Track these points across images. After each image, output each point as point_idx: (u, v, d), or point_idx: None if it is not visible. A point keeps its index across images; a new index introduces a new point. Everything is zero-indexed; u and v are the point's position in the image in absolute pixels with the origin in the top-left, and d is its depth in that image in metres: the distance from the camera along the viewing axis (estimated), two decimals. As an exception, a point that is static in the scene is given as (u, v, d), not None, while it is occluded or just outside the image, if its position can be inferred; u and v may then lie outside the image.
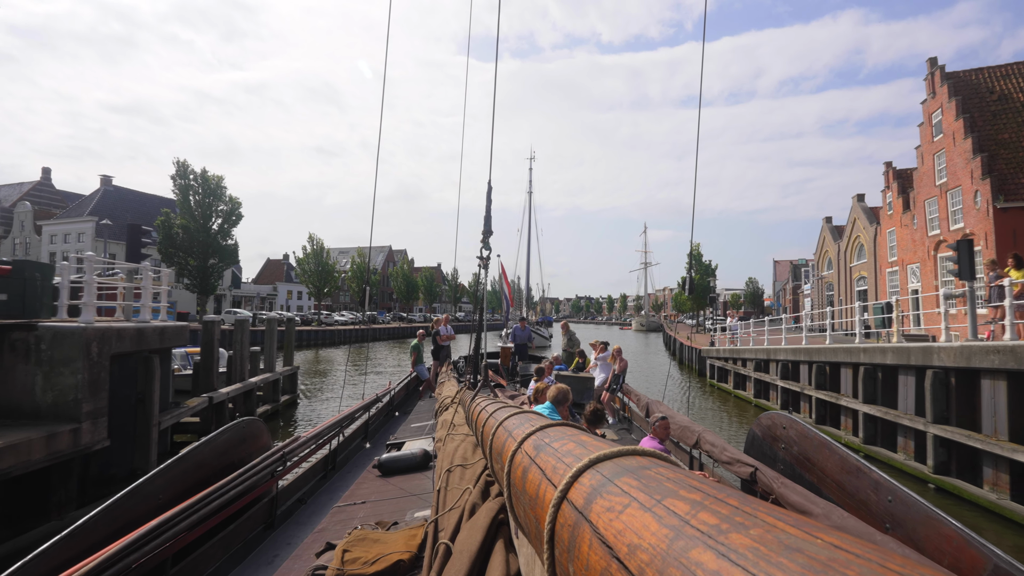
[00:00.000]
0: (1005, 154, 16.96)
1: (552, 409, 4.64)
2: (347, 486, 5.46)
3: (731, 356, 19.05)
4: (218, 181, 39.47)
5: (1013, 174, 16.54)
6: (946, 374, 8.67)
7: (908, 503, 2.83)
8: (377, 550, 3.11)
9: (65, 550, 2.50)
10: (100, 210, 42.22)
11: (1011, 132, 17.31)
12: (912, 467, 9.15)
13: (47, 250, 43.19)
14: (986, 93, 18.45)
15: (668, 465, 0.87)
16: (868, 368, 10.70)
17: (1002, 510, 7.25)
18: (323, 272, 50.73)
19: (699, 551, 0.55)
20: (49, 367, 6.38)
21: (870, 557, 0.44)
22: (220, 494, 3.29)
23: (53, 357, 6.39)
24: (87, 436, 6.43)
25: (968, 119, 17.78)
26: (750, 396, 16.87)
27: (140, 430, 7.47)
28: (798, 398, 13.94)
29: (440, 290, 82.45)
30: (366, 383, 19.63)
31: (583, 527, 0.79)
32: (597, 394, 9.07)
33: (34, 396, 6.34)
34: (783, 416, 4.39)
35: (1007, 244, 16.12)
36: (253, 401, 12.45)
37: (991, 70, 19.06)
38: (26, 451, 5.58)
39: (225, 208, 39.15)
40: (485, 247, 6.01)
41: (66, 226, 42.98)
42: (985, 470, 7.79)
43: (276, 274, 67.87)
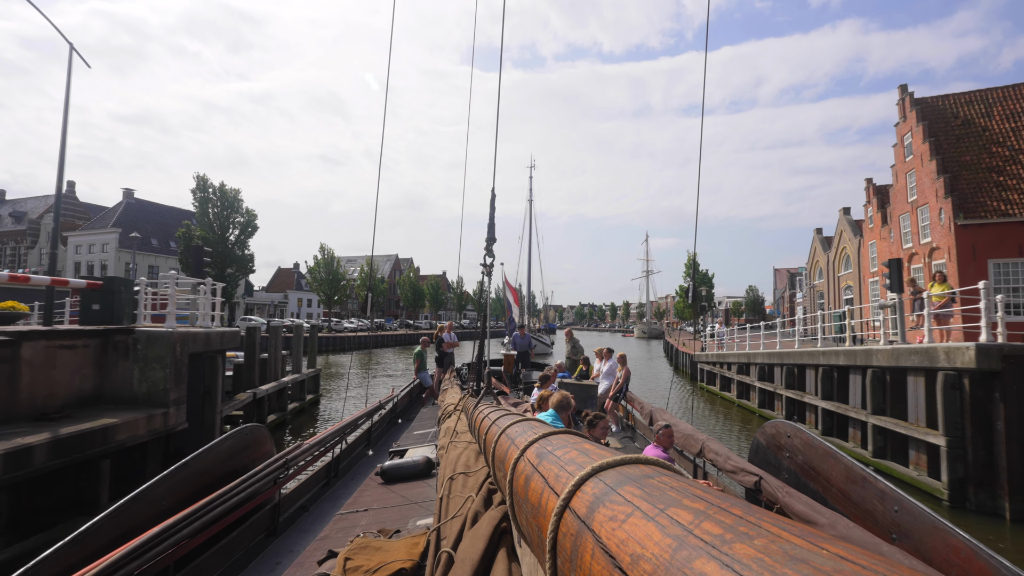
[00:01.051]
0: (966, 175, 18.46)
1: (555, 416, 4.66)
2: (349, 493, 5.47)
3: (717, 360, 20.55)
4: (235, 194, 41.37)
5: (973, 194, 18.04)
6: (883, 373, 10.17)
7: (915, 513, 2.80)
8: (379, 558, 3.11)
9: (68, 556, 2.52)
10: (123, 222, 44.24)
11: (972, 155, 18.82)
12: (858, 453, 10.61)
13: (72, 260, 45.18)
14: (951, 118, 19.99)
15: (671, 474, 0.86)
16: (826, 369, 12.21)
17: (923, 485, 8.72)
18: (333, 280, 52.57)
19: (703, 561, 0.54)
20: (144, 363, 8.03)
21: (876, 568, 0.43)
22: (222, 501, 3.30)
23: (147, 355, 8.04)
24: (172, 419, 8.05)
25: (934, 142, 19.31)
26: (733, 397, 18.35)
27: (207, 417, 9.09)
28: (772, 398, 15.40)
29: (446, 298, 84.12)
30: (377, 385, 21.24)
31: (586, 536, 0.78)
32: (601, 402, 8.98)
33: (132, 386, 7.98)
34: (788, 425, 4.34)
35: (967, 258, 17.62)
36: (285, 398, 14.07)
37: (956, 96, 20.60)
38: (134, 428, 7.21)
39: (242, 220, 41.06)
40: (489, 254, 6.01)
41: (91, 237, 45.02)
42: (910, 452, 9.27)
43: (287, 282, 69.79)
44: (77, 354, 7.58)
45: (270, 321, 45.38)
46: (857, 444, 10.84)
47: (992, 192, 17.81)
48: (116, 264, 43.88)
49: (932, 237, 19.41)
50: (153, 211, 48.87)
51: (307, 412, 15.71)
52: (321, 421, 14.82)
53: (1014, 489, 7.50)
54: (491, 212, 6.17)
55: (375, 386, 22.78)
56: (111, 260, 43.94)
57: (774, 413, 14.84)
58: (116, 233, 43.60)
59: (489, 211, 6.18)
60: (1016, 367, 7.65)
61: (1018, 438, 7.59)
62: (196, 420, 8.74)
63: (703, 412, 17.23)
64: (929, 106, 20.54)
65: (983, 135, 19.15)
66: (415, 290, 71.34)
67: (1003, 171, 18.19)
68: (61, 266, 46.30)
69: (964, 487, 7.95)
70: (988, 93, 20.34)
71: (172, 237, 48.49)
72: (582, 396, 8.53)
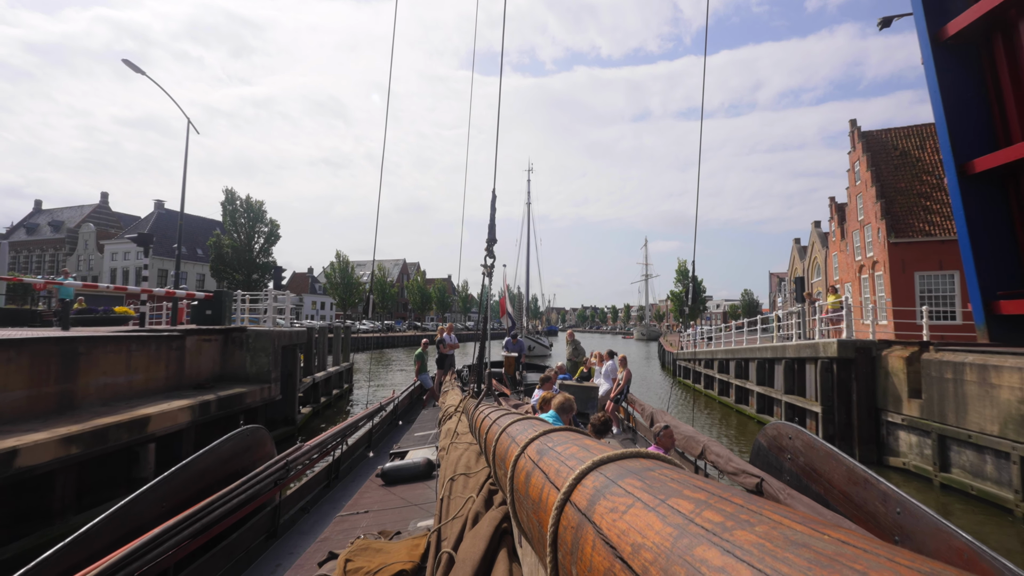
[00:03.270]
0: (900, 200, 21.68)
1: (556, 418, 4.65)
2: (350, 495, 5.50)
3: (690, 358, 23.82)
4: (260, 205, 44.95)
5: (904, 216, 21.26)
6: (791, 362, 13.43)
7: (917, 515, 2.81)
8: (380, 560, 3.11)
9: (69, 556, 2.53)
10: (156, 231, 47.84)
11: (906, 182, 22.03)
12: (778, 425, 13.87)
13: (108, 266, 48.84)
14: (891, 149, 23.20)
15: (672, 467, 0.87)
16: (760, 361, 15.47)
17: (813, 444, 11.96)
18: (347, 285, 56.15)
19: (704, 548, 0.54)
20: (253, 353, 11.40)
21: (878, 552, 0.44)
22: (223, 502, 3.31)
23: (255, 347, 11.42)
24: (272, 392, 11.42)
25: (875, 171, 22.54)
26: (701, 388, 21.62)
27: (290, 392, 12.45)
28: (728, 387, 18.65)
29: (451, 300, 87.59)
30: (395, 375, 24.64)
31: (586, 528, 0.78)
32: (601, 404, 9.04)
33: (245, 368, 11.36)
34: (789, 427, 4.34)
35: (898, 271, 20.85)
36: (331, 384, 17.44)
37: (897, 130, 23.80)
38: (254, 396, 10.58)
39: (266, 229, 44.64)
40: (489, 255, 5.98)
41: (126, 245, 48.69)
42: (807, 420, 12.52)
43: (302, 286, 73.40)
44: (212, 345, 10.98)
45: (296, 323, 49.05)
46: (779, 419, 14.08)
47: (920, 215, 21.04)
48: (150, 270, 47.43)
49: (874, 252, 22.65)
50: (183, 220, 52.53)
51: (344, 398, 19.09)
52: (357, 404, 18.17)
53: (862, 440, 10.75)
54: (492, 213, 6.13)
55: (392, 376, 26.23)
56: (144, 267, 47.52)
57: (729, 399, 18.09)
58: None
59: (490, 213, 6.15)
60: (864, 356, 10.91)
61: (865, 405, 10.84)
62: (285, 393, 12.11)
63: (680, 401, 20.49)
64: (874, 138, 23.77)
65: (916, 165, 22.38)
66: (423, 294, 74.86)
67: (930, 196, 21.43)
68: (98, 272, 49.99)
69: (833, 441, 11.18)
70: (923, 128, 23.56)
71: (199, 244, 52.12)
72: (583, 398, 8.59)
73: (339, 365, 19.37)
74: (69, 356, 7.56)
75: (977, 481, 8.37)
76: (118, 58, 8.70)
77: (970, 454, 8.56)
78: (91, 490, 6.80)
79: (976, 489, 8.28)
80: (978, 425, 8.33)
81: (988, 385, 8.18)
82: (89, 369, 7.88)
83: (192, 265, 51.17)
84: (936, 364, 9.31)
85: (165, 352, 9.57)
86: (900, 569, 0.39)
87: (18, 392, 6.78)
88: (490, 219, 6.10)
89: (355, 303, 61.46)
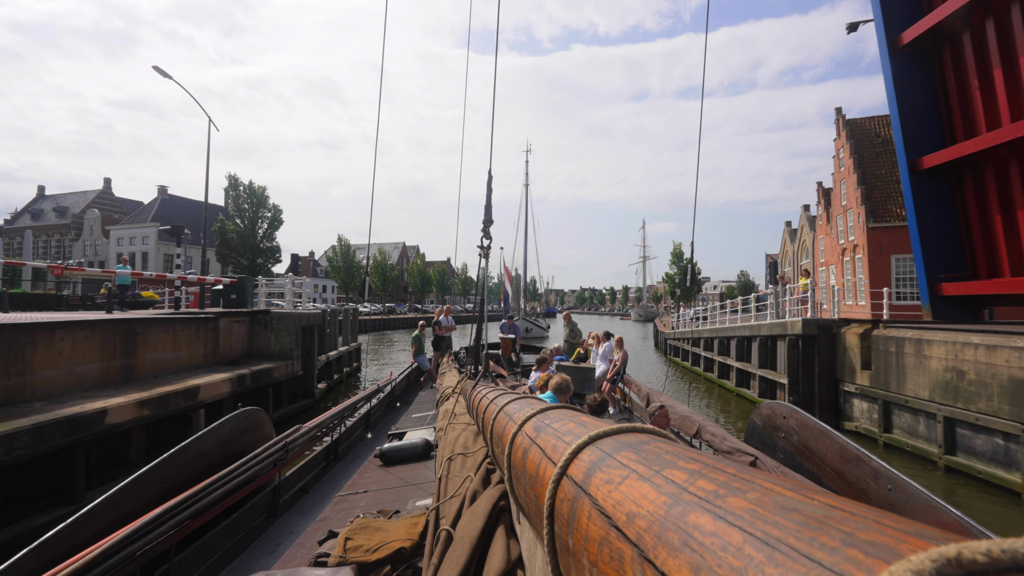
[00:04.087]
0: (880, 186, 22.76)
1: (553, 399, 4.65)
2: (349, 476, 5.53)
3: (679, 337, 25.15)
4: (262, 191, 45.78)
5: (883, 201, 22.37)
6: (766, 339, 14.70)
7: (908, 491, 2.89)
8: (379, 538, 3.17)
9: (69, 538, 2.55)
10: (160, 216, 48.78)
11: (886, 169, 23.07)
12: (756, 399, 15.19)
13: (114, 251, 49.83)
14: (873, 137, 24.18)
15: (666, 440, 0.88)
16: (739, 339, 16.76)
17: (781, 413, 13.30)
18: (349, 268, 57.27)
19: (696, 515, 0.56)
20: (277, 332, 12.63)
21: (865, 515, 0.45)
22: (223, 483, 3.37)
23: (279, 327, 12.64)
24: (295, 367, 12.68)
25: (857, 157, 23.56)
26: (688, 365, 22.98)
27: (309, 368, 13.72)
28: (712, 363, 19.98)
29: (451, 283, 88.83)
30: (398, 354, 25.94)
31: (582, 500, 0.80)
32: (598, 385, 9.12)
33: (270, 347, 12.60)
34: (783, 406, 4.44)
35: (875, 254, 22.06)
36: (342, 363, 18.73)
37: (880, 118, 24.73)
38: (279, 371, 11.84)
39: (269, 214, 45.56)
40: (486, 236, 5.92)
41: (131, 230, 49.66)
42: (776, 392, 13.84)
43: (304, 270, 74.44)
44: (241, 326, 12.20)
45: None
46: (754, 391, 15.43)
47: (897, 200, 22.14)
48: (156, 255, 48.56)
49: (855, 236, 23.82)
50: (185, 206, 53.38)
51: (354, 375, 20.42)
52: (367, 381, 19.49)
53: (822, 407, 12.07)
54: (488, 194, 6.04)
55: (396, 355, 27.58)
56: (151, 251, 48.64)
57: (712, 375, 19.43)
58: (155, 227, 48.19)
59: (486, 193, 6.06)
60: (825, 333, 12.17)
61: (826, 377, 12.13)
62: (306, 369, 13.38)
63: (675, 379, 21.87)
64: (857, 126, 24.73)
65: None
66: (423, 276, 76.04)
67: (908, 183, 22.55)
68: (104, 257, 51.01)
69: (796, 409, 12.53)
70: (905, 116, 24.53)
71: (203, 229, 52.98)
72: (580, 379, 8.69)
73: (348, 345, 20.64)
74: (129, 335, 8.78)
75: (912, 439, 9.70)
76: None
77: (907, 416, 9.88)
78: (156, 447, 8.09)
79: (910, 446, 9.62)
80: (913, 391, 9.62)
81: (922, 356, 9.45)
82: (145, 346, 9.11)
83: (197, 250, 52.15)
84: (883, 339, 10.57)
85: (203, 332, 10.80)
86: (885, 529, 0.41)
87: (92, 364, 8.01)
88: (486, 200, 6.06)
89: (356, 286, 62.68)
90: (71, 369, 7.61)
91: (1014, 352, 7.70)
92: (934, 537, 0.39)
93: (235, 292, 13.67)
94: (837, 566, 0.39)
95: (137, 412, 7.33)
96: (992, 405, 7.99)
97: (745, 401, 15.44)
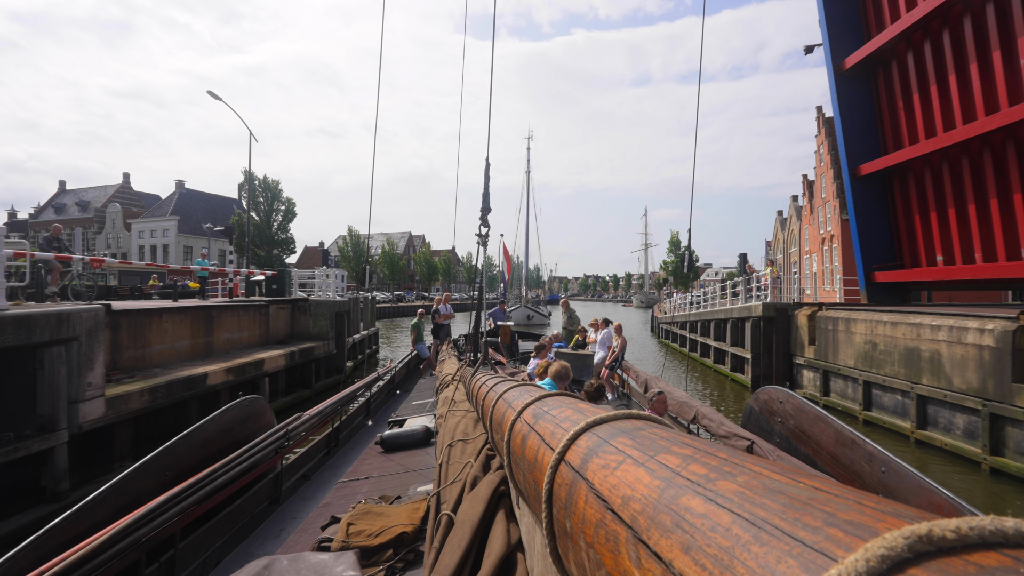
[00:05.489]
0: (855, 180, 24.64)
1: (552, 386, 4.66)
2: (350, 462, 5.60)
3: (669, 320, 27.28)
4: (276, 185, 47.93)
5: (857, 195, 24.27)
6: (736, 322, 16.79)
7: (901, 474, 2.96)
8: (381, 523, 3.23)
9: (74, 526, 2.60)
10: (179, 210, 51.05)
11: (861, 164, 24.94)
12: (728, 372, 17.31)
13: (136, 244, 52.25)
14: (850, 134, 25.99)
15: (661, 426, 0.91)
16: (716, 321, 18.85)
17: (743, 381, 15.40)
18: (359, 258, 59.54)
19: (688, 498, 0.58)
20: (315, 317, 14.84)
21: (847, 496, 0.47)
22: (226, 471, 3.44)
23: (316, 313, 14.85)
24: (331, 347, 14.91)
25: (834, 154, 25.38)
26: (676, 346, 25.12)
27: (340, 348, 15.95)
28: (696, 344, 22.10)
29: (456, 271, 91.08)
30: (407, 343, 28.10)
31: (579, 485, 0.82)
32: (597, 371, 9.23)
33: (309, 329, 14.82)
34: (779, 391, 4.53)
35: (848, 244, 23.99)
36: (364, 345, 21.00)
37: (857, 116, 26.54)
38: (319, 349, 14.06)
39: (283, 207, 47.75)
40: (484, 224, 5.98)
41: (152, 224, 51.99)
42: (744, 367, 15.96)
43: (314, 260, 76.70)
44: (285, 312, 14.42)
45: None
46: (725, 366, 17.57)
47: (869, 194, 24.04)
48: (176, 247, 50.91)
49: (831, 226, 25.74)
50: (202, 199, 55.63)
51: (373, 356, 22.72)
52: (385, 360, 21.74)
53: (778, 377, 14.17)
54: (486, 181, 6.08)
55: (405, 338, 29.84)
56: (172, 244, 51.00)
57: (695, 354, 21.56)
58: (175, 220, 50.51)
59: (484, 180, 6.09)
60: (782, 315, 14.24)
61: (782, 352, 14.23)
62: (338, 348, 15.62)
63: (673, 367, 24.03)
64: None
65: (870, 149, 25.24)
66: (429, 265, 78.32)
67: (880, 177, 24.41)
68: (126, 250, 53.43)
69: (758, 379, 14.63)
70: (881, 114, 26.29)
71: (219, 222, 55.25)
72: (578, 366, 8.79)
73: (368, 330, 22.90)
74: (208, 319, 10.99)
75: (843, 400, 11.83)
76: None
77: (840, 382, 12.00)
78: (236, 405, 10.35)
79: (841, 406, 11.74)
80: (844, 361, 11.72)
81: (849, 333, 11.54)
82: (219, 328, 11.33)
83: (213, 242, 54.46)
84: (824, 319, 12.65)
85: (258, 317, 13.01)
86: (865, 509, 0.43)
87: (185, 341, 10.24)
88: (484, 188, 6.08)
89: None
90: (172, 344, 9.84)
91: (909, 327, 9.78)
92: (910, 516, 0.41)
93: (276, 283, 15.87)
94: (818, 544, 0.41)
95: (225, 377, 9.56)
96: (894, 369, 10.09)
97: (721, 376, 17.60)
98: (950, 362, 8.75)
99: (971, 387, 8.32)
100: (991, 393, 7.95)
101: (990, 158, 11.20)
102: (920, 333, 9.48)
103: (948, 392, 8.75)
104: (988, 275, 10.79)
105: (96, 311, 6.78)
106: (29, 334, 5.80)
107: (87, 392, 6.49)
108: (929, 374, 9.21)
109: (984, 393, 8.07)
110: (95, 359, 6.63)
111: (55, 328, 6.09)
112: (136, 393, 7.35)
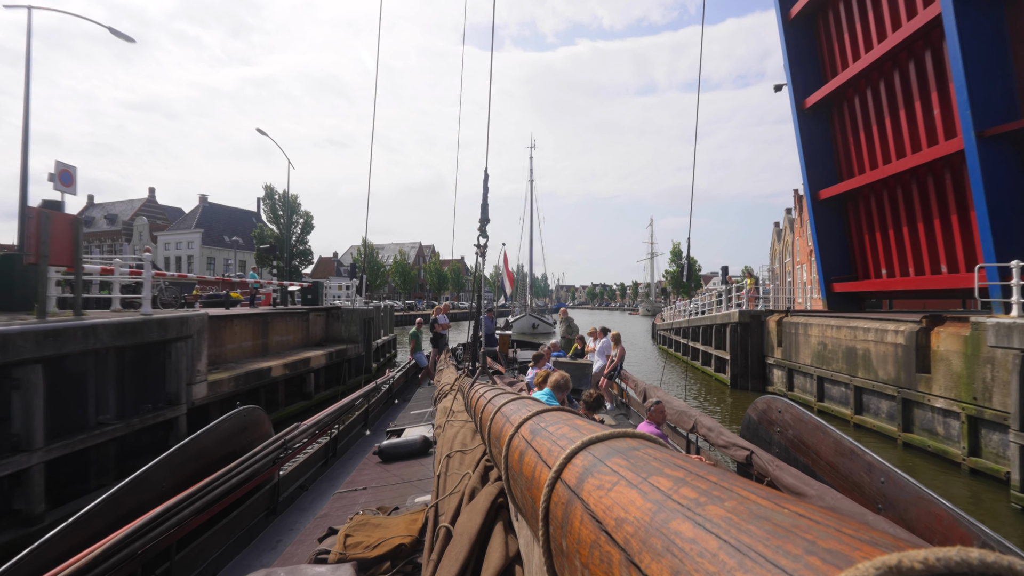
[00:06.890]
0: (837, 196, 26.50)
1: (551, 396, 4.72)
2: (348, 473, 5.58)
3: (667, 327, 29.18)
4: (295, 199, 50.51)
5: (838, 210, 26.11)
6: (720, 327, 18.70)
7: (900, 484, 2.96)
8: (379, 534, 3.19)
9: (71, 538, 2.59)
10: (203, 223, 53.80)
11: (843, 181, 26.80)
12: (712, 373, 19.19)
13: (162, 256, 55.01)
14: (833, 153, 27.89)
15: (656, 446, 0.92)
16: (704, 327, 20.77)
17: (723, 379, 17.28)
18: (373, 268, 62.00)
19: (678, 522, 0.59)
20: (347, 323, 16.98)
21: (828, 523, 0.48)
22: (223, 481, 3.39)
23: (348, 319, 17.00)
24: (360, 349, 17.03)
25: (818, 172, 27.31)
26: (672, 351, 27.00)
27: (368, 351, 18.06)
28: (688, 348, 23.97)
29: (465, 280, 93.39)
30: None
31: (575, 504, 0.82)
32: (595, 380, 9.25)
33: (341, 333, 16.95)
34: (779, 400, 4.55)
35: (831, 255, 25.82)
36: (384, 349, 23.13)
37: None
38: (351, 351, 16.19)
39: (302, 220, 50.33)
40: (482, 235, 5.98)
41: (177, 236, 54.79)
42: (726, 368, 17.85)
43: (328, 269, 79.45)
44: (321, 318, 16.59)
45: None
46: (711, 368, 19.46)
47: (850, 209, 25.88)
48: (200, 258, 53.59)
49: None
50: (225, 212, 58.44)
51: (392, 360, 24.83)
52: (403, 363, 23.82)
53: (753, 376, 16.08)
54: (484, 193, 6.10)
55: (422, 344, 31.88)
56: (196, 255, 53.72)
57: (687, 357, 23.44)
58: (199, 233, 53.23)
59: (483, 192, 6.12)
60: (756, 321, 16.16)
61: (756, 354, 16.13)
62: (366, 350, 17.75)
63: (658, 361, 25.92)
64: (821, 143, 28.44)
65: (851, 167, 27.12)
66: (439, 274, 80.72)
67: (860, 194, 26.28)
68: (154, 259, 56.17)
69: (736, 378, 16.54)
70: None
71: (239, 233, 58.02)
72: (576, 375, 8.82)
73: (387, 336, 25.04)
74: (263, 324, 13.16)
75: (803, 394, 13.72)
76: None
77: (800, 378, 13.89)
78: (289, 396, 12.47)
79: (801, 399, 13.63)
80: (803, 360, 13.63)
81: (807, 336, 13.45)
82: (272, 331, 13.49)
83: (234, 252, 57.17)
84: (789, 324, 14.58)
85: (300, 322, 15.18)
86: (844, 537, 0.45)
87: (248, 342, 12.39)
88: (483, 199, 6.10)
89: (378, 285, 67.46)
90: (239, 344, 12.01)
91: (849, 330, 11.71)
92: (885, 545, 0.42)
93: (311, 293, 18.06)
94: (797, 572, 0.42)
95: (283, 371, 11.69)
96: (839, 365, 12.01)
97: (707, 376, 19.50)
98: (876, 358, 10.67)
99: (890, 378, 10.24)
100: (903, 382, 9.87)
101: (932, 184, 13.11)
102: (856, 335, 11.41)
103: (875, 383, 10.67)
104: (915, 287, 12.71)
105: (203, 316, 8.94)
106: (164, 332, 7.95)
107: (197, 377, 8.63)
108: (863, 368, 11.13)
109: (899, 382, 9.99)
110: (203, 352, 8.78)
111: (179, 328, 8.24)
112: (227, 379, 9.49)
